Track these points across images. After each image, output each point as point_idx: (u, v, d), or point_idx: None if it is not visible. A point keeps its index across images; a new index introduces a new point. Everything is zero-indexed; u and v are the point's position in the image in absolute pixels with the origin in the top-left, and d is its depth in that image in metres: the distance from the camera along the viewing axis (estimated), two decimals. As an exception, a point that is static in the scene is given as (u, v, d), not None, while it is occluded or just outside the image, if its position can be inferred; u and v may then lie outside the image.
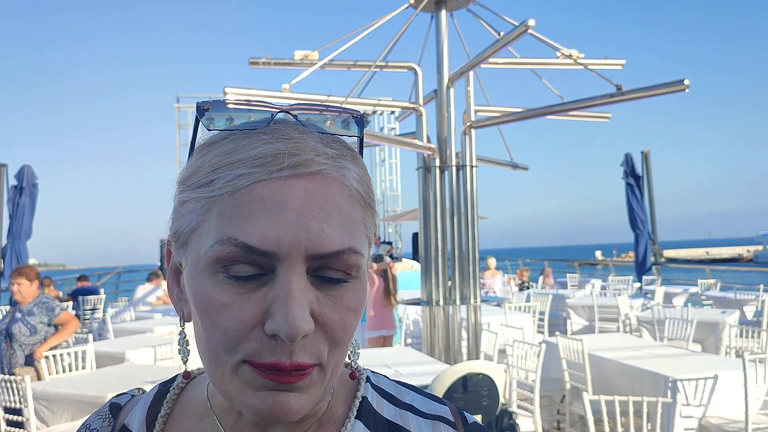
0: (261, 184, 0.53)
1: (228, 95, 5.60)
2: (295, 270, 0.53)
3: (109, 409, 0.71)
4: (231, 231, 0.52)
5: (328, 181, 0.55)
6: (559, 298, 10.11)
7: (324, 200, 0.54)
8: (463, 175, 6.12)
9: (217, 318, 0.53)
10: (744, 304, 9.37)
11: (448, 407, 0.71)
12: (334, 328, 0.55)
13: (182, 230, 0.58)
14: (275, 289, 0.52)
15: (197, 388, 0.69)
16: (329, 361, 0.56)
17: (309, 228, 0.53)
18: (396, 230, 21.47)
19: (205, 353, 0.56)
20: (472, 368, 3.72)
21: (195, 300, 0.55)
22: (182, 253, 0.59)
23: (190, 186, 0.57)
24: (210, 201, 0.54)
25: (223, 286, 0.53)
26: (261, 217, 0.52)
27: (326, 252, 0.53)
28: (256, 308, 0.52)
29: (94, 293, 11.94)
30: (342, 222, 0.55)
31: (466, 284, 6.04)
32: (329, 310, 0.54)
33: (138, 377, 4.61)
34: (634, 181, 13.18)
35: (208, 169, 0.55)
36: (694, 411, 4.18)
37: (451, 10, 6.36)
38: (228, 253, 0.52)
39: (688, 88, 4.95)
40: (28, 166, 12.28)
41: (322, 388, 0.56)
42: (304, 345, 0.53)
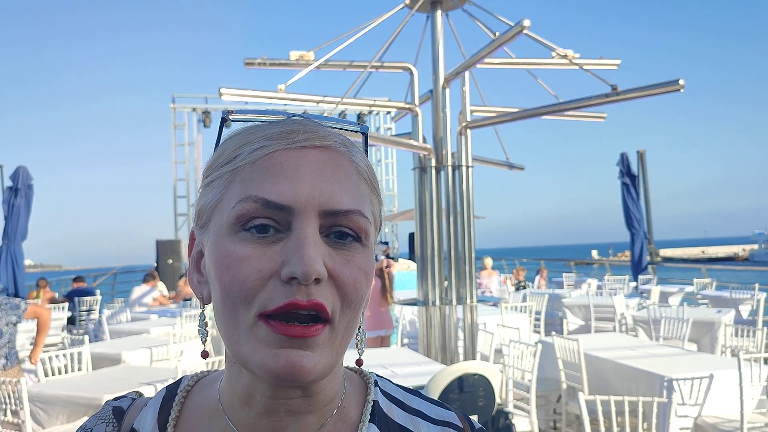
0: (278, 152, 0.59)
1: (224, 96, 5.60)
2: (310, 223, 0.57)
3: (112, 413, 0.71)
4: (252, 190, 0.57)
5: (338, 154, 0.61)
6: (555, 297, 10.12)
7: (335, 168, 0.60)
8: (459, 175, 6.12)
9: (236, 270, 0.56)
10: (739, 303, 9.39)
11: (455, 413, 0.74)
12: (345, 283, 0.58)
13: (206, 207, 0.62)
14: (291, 240, 0.56)
15: (205, 391, 0.70)
16: (340, 320, 0.58)
17: (322, 188, 0.58)
18: (392, 230, 21.49)
19: (223, 315, 0.58)
20: (468, 369, 3.73)
21: (216, 261, 0.58)
22: (204, 233, 0.63)
23: (215, 167, 0.62)
24: (233, 173, 0.60)
25: (242, 243, 0.57)
26: (279, 177, 0.58)
27: (337, 209, 0.58)
28: (273, 260, 0.56)
29: (90, 294, 11.92)
30: (351, 189, 0.60)
31: (463, 284, 6.04)
32: (341, 266, 0.58)
33: (134, 378, 4.60)
34: (629, 181, 13.22)
35: (232, 148, 0.61)
36: (689, 410, 4.19)
37: (446, 11, 6.36)
38: (248, 209, 0.57)
39: (683, 88, 4.96)
40: (24, 167, 12.24)
41: (333, 351, 0.58)
42: (319, 291, 0.56)
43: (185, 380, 0.72)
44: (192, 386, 0.72)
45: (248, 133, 0.62)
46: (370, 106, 7.04)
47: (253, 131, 0.62)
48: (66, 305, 10.67)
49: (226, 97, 5.59)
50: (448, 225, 6.13)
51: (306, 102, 6.32)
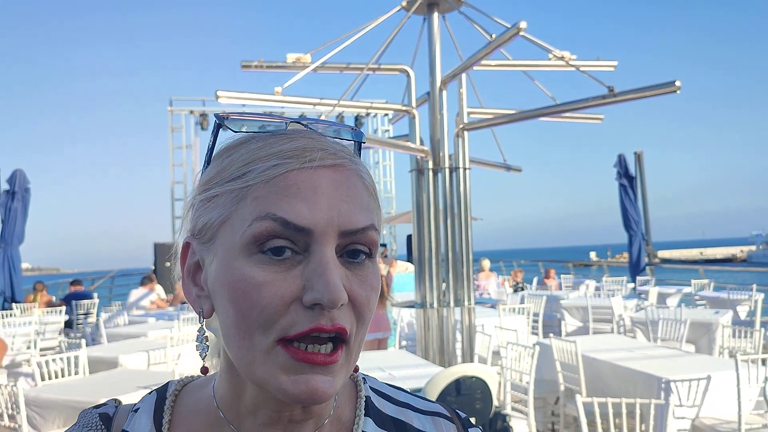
0: (294, 172, 0.58)
1: (221, 99, 5.59)
2: (329, 246, 0.57)
3: (99, 419, 0.70)
4: (270, 208, 0.57)
5: (349, 172, 0.62)
6: (553, 299, 10.12)
7: (348, 187, 0.60)
8: (457, 177, 6.12)
9: (256, 296, 0.56)
10: (737, 304, 9.40)
11: (441, 404, 0.77)
12: (361, 304, 0.59)
13: (211, 223, 0.61)
14: (312, 264, 0.56)
15: (193, 395, 0.70)
16: (355, 339, 0.60)
17: (339, 208, 0.58)
18: (390, 232, 21.47)
19: (236, 338, 0.58)
20: (465, 371, 3.72)
21: (231, 284, 0.57)
22: (207, 249, 0.62)
23: (219, 182, 0.61)
24: (243, 191, 0.59)
25: (260, 266, 0.56)
26: (296, 198, 0.57)
27: (356, 228, 0.59)
28: (294, 284, 0.56)
29: (88, 298, 11.89)
30: (363, 205, 0.61)
31: (460, 286, 6.04)
32: (357, 287, 0.59)
33: (131, 382, 4.58)
34: (627, 182, 13.24)
35: (240, 164, 0.60)
36: (687, 412, 4.19)
37: (443, 13, 6.37)
38: (267, 228, 0.56)
39: (680, 90, 4.97)
40: (20, 170, 12.23)
41: (347, 370, 0.60)
42: (341, 315, 0.57)
43: (172, 384, 0.72)
44: (180, 390, 0.72)
45: (258, 147, 0.61)
46: (367, 108, 7.04)
47: (262, 146, 0.61)
48: (63, 309, 10.64)
49: (223, 100, 5.59)
50: (445, 227, 6.13)
51: (303, 104, 6.32)
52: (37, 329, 8.74)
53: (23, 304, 11.33)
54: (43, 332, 9.12)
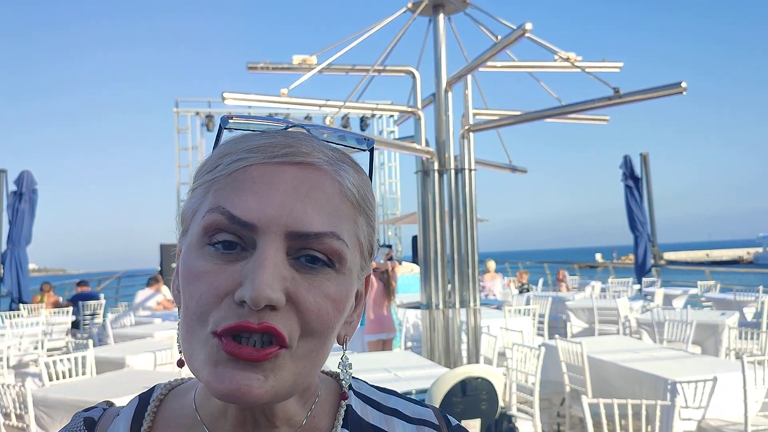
0: (255, 166, 0.57)
1: (227, 100, 5.61)
2: (273, 244, 0.54)
3: (83, 424, 0.68)
4: (221, 201, 0.56)
5: (320, 173, 0.58)
6: (558, 300, 10.10)
7: (312, 187, 0.57)
8: (462, 178, 6.13)
9: (195, 286, 0.55)
10: (744, 305, 9.36)
11: (432, 410, 0.73)
12: (307, 310, 0.54)
13: (186, 214, 0.61)
14: (251, 261, 0.54)
15: (179, 400, 0.68)
16: (299, 348, 0.55)
17: (292, 207, 0.55)
18: (396, 233, 21.48)
19: (182, 327, 0.57)
20: (471, 372, 3.73)
21: (182, 274, 0.58)
22: (183, 241, 0.61)
23: (199, 174, 0.61)
24: (211, 183, 0.58)
25: (206, 257, 0.55)
26: (249, 192, 0.55)
27: (306, 231, 0.55)
28: (231, 278, 0.54)
29: (94, 298, 11.94)
30: (328, 210, 0.57)
31: (466, 287, 6.04)
32: (305, 291, 0.55)
33: (138, 382, 4.60)
34: (633, 183, 13.21)
35: (215, 158, 0.60)
36: (693, 413, 4.18)
37: (448, 14, 6.38)
38: (214, 220, 0.55)
39: (686, 91, 4.97)
40: (28, 171, 12.29)
41: (291, 377, 0.55)
42: (275, 317, 0.53)
43: (158, 389, 0.70)
44: (165, 395, 0.70)
45: (233, 142, 0.60)
46: (373, 109, 7.06)
47: (237, 141, 0.60)
48: (70, 309, 10.68)
49: (230, 101, 5.61)
50: (451, 228, 6.13)
51: (309, 106, 6.34)
52: (44, 330, 8.77)
53: (30, 305, 11.38)
54: (50, 333, 9.16)
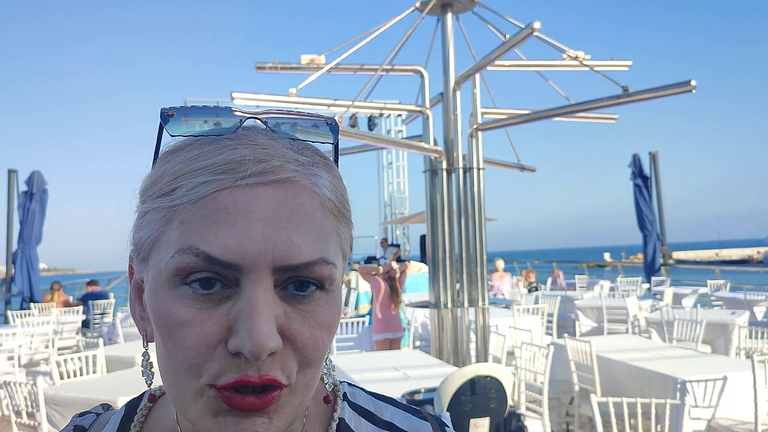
0: (225, 192, 0.50)
1: (235, 100, 5.64)
2: (261, 283, 0.49)
3: (73, 430, 0.67)
4: (192, 240, 0.49)
5: (297, 189, 0.52)
6: (567, 299, 10.08)
7: (293, 209, 0.51)
8: (470, 177, 6.13)
9: (179, 336, 0.49)
10: (754, 304, 9.32)
11: (429, 423, 0.69)
12: (304, 345, 0.51)
13: (143, 243, 0.54)
14: (239, 304, 0.49)
15: (165, 409, 0.65)
16: (299, 381, 0.52)
17: (276, 238, 0.49)
18: (404, 233, 21.48)
19: (166, 376, 0.52)
20: (479, 371, 3.73)
21: (156, 317, 0.51)
22: (143, 269, 0.55)
23: (151, 195, 0.53)
24: (171, 210, 0.51)
25: (184, 301, 0.49)
26: (224, 226, 0.49)
27: (295, 264, 0.50)
28: (219, 324, 0.49)
29: (104, 297, 12.00)
30: (313, 232, 0.52)
31: (474, 286, 6.05)
32: (299, 325, 0.51)
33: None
34: (642, 182, 13.15)
35: (171, 177, 0.52)
36: (703, 412, 4.17)
37: (456, 13, 6.38)
38: (188, 263, 0.49)
39: (695, 89, 4.95)
40: (38, 171, 12.37)
41: (292, 411, 0.52)
42: (273, 362, 0.49)
43: (147, 395, 0.67)
44: (153, 404, 0.67)
45: (191, 158, 0.52)
46: (381, 108, 7.07)
47: (196, 156, 0.52)
48: (80, 308, 10.75)
49: (238, 101, 5.63)
50: (459, 227, 6.14)
51: (317, 106, 6.35)
52: (55, 329, 8.84)
53: (41, 304, 11.46)
54: (61, 332, 9.22)
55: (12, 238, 12.63)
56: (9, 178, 12.80)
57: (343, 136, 5.80)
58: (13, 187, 12.78)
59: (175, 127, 0.54)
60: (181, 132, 0.54)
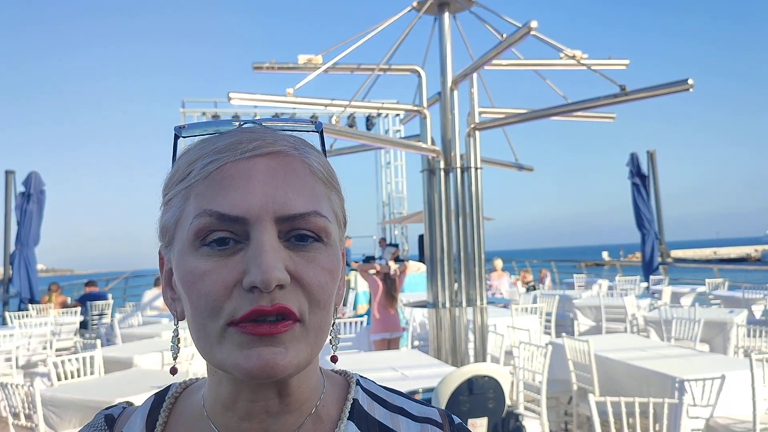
0: (229, 164, 0.60)
1: (233, 100, 5.63)
2: (266, 231, 0.57)
3: (104, 421, 0.72)
4: (206, 204, 0.59)
5: (289, 158, 0.62)
6: (565, 298, 10.08)
7: (286, 173, 0.61)
8: (468, 176, 6.12)
9: (200, 285, 0.57)
10: (752, 303, 9.32)
11: (436, 410, 0.75)
12: (310, 284, 0.59)
13: (168, 225, 0.63)
14: (250, 250, 0.57)
15: (192, 397, 0.72)
16: (311, 319, 0.59)
17: (275, 194, 0.59)
18: (402, 232, 21.47)
19: (193, 328, 0.60)
20: (477, 371, 3.72)
21: (181, 278, 0.60)
22: (170, 251, 0.64)
23: (171, 185, 0.64)
24: (188, 190, 0.61)
25: (204, 257, 0.58)
26: (230, 190, 0.59)
27: (293, 213, 0.59)
28: (235, 270, 0.57)
29: (102, 298, 11.99)
30: (305, 191, 0.61)
31: (473, 286, 6.04)
32: (304, 267, 0.59)
33: (146, 382, 4.63)
34: (640, 181, 13.16)
35: (185, 165, 0.63)
36: (701, 411, 4.17)
37: (453, 13, 6.37)
38: (205, 223, 0.58)
39: (692, 88, 4.94)
40: (36, 172, 12.34)
41: (307, 348, 0.59)
42: (284, 296, 0.57)
43: (173, 387, 0.74)
44: (180, 393, 0.74)
45: (199, 147, 0.63)
46: (379, 108, 7.07)
47: (203, 145, 0.63)
48: (78, 309, 10.74)
49: (236, 101, 5.62)
50: (457, 227, 6.13)
51: (314, 105, 6.34)
52: (53, 330, 8.81)
53: (39, 305, 11.44)
54: (59, 333, 9.20)
55: (9, 240, 12.62)
56: (6, 179, 12.78)
57: (340, 136, 5.81)
58: (10, 188, 12.77)
59: (187, 132, 0.66)
60: (191, 134, 0.66)
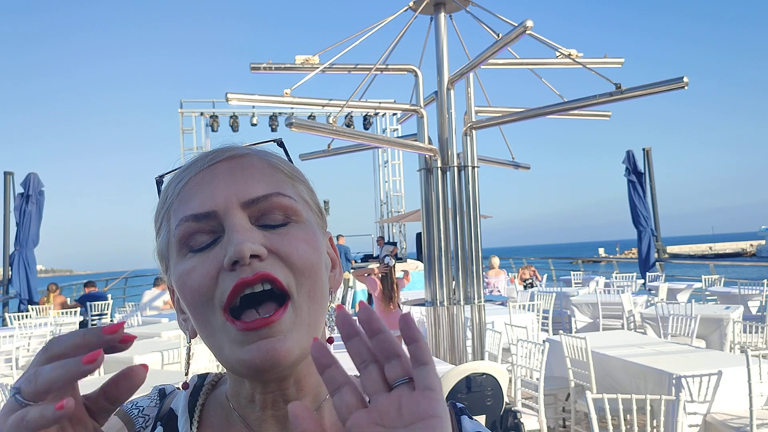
0: (192, 177, 0.65)
1: (231, 101, 5.65)
2: (236, 216, 0.61)
3: (157, 393, 0.77)
4: (180, 214, 0.63)
5: (247, 157, 0.67)
6: (563, 296, 10.11)
7: (244, 167, 0.65)
8: (465, 175, 6.14)
9: (189, 281, 0.61)
10: (748, 299, 9.36)
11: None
12: (288, 253, 0.62)
13: (163, 251, 0.68)
14: (225, 236, 0.61)
15: (219, 387, 0.76)
16: (299, 292, 0.62)
17: (236, 185, 0.63)
18: (400, 231, 21.49)
19: (200, 331, 0.63)
20: (475, 368, 3.76)
21: (177, 285, 0.63)
22: (170, 275, 0.67)
23: (157, 216, 0.69)
24: (167, 212, 0.66)
25: (190, 259, 0.62)
26: (198, 193, 0.64)
27: (256, 196, 0.63)
28: (216, 259, 0.61)
29: (102, 299, 11.99)
30: (265, 178, 0.65)
31: (470, 284, 6.07)
32: (278, 240, 0.62)
33: (146, 381, 4.63)
34: (636, 178, 13.20)
35: (162, 195, 0.69)
36: (698, 407, 4.20)
37: (450, 12, 6.39)
38: (184, 229, 0.63)
39: (687, 86, 4.97)
40: (34, 173, 12.34)
41: (303, 328, 0.61)
42: (265, 266, 0.60)
43: (211, 375, 0.79)
44: (217, 380, 0.78)
45: (170, 180, 0.69)
46: (376, 108, 7.09)
47: (173, 177, 0.68)
48: (78, 310, 10.74)
49: (234, 101, 5.64)
50: (454, 225, 6.15)
51: (311, 106, 6.37)
52: (53, 330, 8.82)
53: (39, 306, 11.45)
54: (59, 333, 9.20)
55: (9, 241, 12.62)
56: (5, 180, 12.78)
57: (338, 136, 5.83)
58: (9, 189, 12.76)
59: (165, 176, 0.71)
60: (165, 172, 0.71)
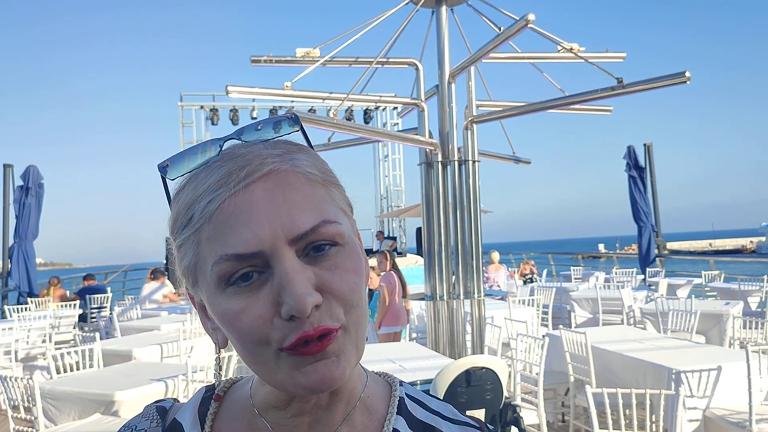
0: (228, 201, 0.60)
1: (231, 93, 5.62)
2: (285, 256, 0.58)
3: (156, 411, 0.75)
4: (220, 250, 0.59)
5: (281, 174, 0.61)
6: (562, 291, 10.12)
7: (284, 190, 0.60)
8: (466, 169, 6.13)
9: (240, 324, 0.59)
10: (748, 295, 9.37)
11: (471, 417, 0.78)
12: (341, 291, 0.60)
13: (188, 269, 0.65)
14: (276, 279, 0.58)
15: (239, 392, 0.75)
16: (349, 321, 0.61)
17: (280, 218, 0.59)
18: (400, 225, 21.49)
19: (247, 358, 0.62)
20: (475, 362, 3.75)
21: (220, 319, 0.62)
22: (198, 291, 0.66)
23: (178, 230, 0.64)
24: (196, 234, 0.62)
25: (233, 297, 0.59)
26: (237, 227, 0.59)
27: (303, 231, 0.59)
28: (268, 301, 0.58)
29: (101, 292, 11.99)
30: (307, 203, 0.61)
31: (470, 278, 6.06)
32: (329, 276, 0.60)
33: (145, 375, 4.65)
34: (636, 174, 13.18)
35: (184, 210, 0.63)
36: (697, 402, 4.21)
37: (451, 6, 6.36)
38: (225, 268, 0.59)
39: (689, 81, 4.95)
40: (34, 166, 12.33)
41: (353, 350, 0.62)
42: (321, 314, 0.58)
43: (222, 383, 0.77)
44: (228, 388, 0.77)
45: (192, 187, 0.63)
46: (376, 101, 7.06)
47: (195, 184, 0.63)
48: (77, 303, 10.74)
49: (234, 94, 5.62)
50: (455, 219, 6.14)
51: (312, 99, 6.35)
52: (52, 323, 8.82)
53: (38, 299, 11.45)
54: (58, 326, 9.22)
55: (8, 233, 12.61)
56: (5, 173, 12.76)
57: (338, 129, 5.81)
58: (8, 181, 12.75)
59: (172, 172, 0.65)
60: (178, 174, 0.65)
